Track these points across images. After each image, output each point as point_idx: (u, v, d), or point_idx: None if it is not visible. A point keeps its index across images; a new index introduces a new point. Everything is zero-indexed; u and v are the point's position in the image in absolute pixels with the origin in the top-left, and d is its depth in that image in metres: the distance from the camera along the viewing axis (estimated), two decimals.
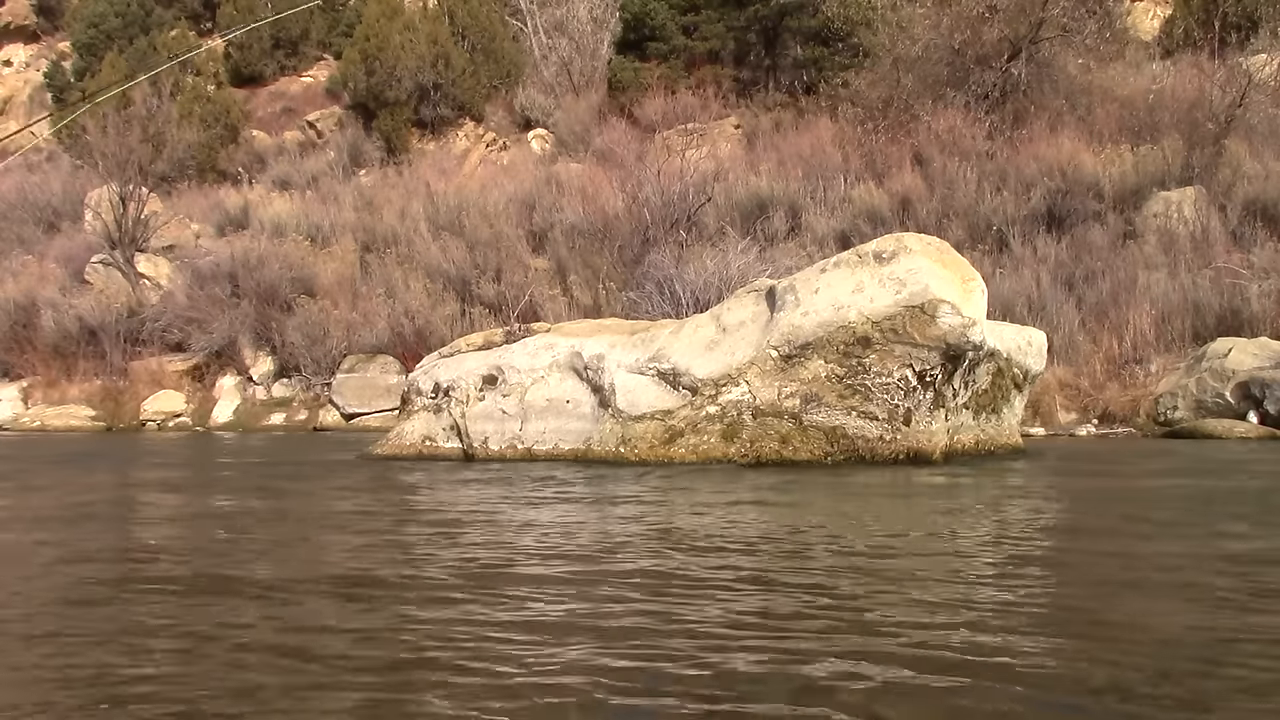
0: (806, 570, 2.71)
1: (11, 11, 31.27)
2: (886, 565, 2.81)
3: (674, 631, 2.03)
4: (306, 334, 14.92)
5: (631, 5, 20.71)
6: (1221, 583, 2.56)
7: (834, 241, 13.44)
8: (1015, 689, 1.66)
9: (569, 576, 2.62)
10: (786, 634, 2.01)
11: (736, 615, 2.18)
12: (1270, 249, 11.86)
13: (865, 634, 2.00)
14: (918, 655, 1.84)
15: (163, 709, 1.60)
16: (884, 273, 6.04)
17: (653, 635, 2.00)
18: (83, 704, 1.63)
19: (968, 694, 1.63)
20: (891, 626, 2.07)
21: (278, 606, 2.32)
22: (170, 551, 3.24)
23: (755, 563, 2.83)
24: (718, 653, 1.87)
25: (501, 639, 1.98)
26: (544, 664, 1.80)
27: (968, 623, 2.12)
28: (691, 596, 2.37)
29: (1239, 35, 17.19)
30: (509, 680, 1.72)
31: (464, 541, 3.29)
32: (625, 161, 16.53)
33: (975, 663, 1.79)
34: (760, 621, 2.12)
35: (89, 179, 19.46)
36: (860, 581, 2.54)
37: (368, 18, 22.16)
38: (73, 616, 2.27)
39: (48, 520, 4.03)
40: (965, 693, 1.64)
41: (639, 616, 2.15)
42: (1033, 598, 2.43)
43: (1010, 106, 15.82)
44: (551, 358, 6.95)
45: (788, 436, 6.13)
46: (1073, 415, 10.88)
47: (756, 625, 2.10)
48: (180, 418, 15.14)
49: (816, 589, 2.45)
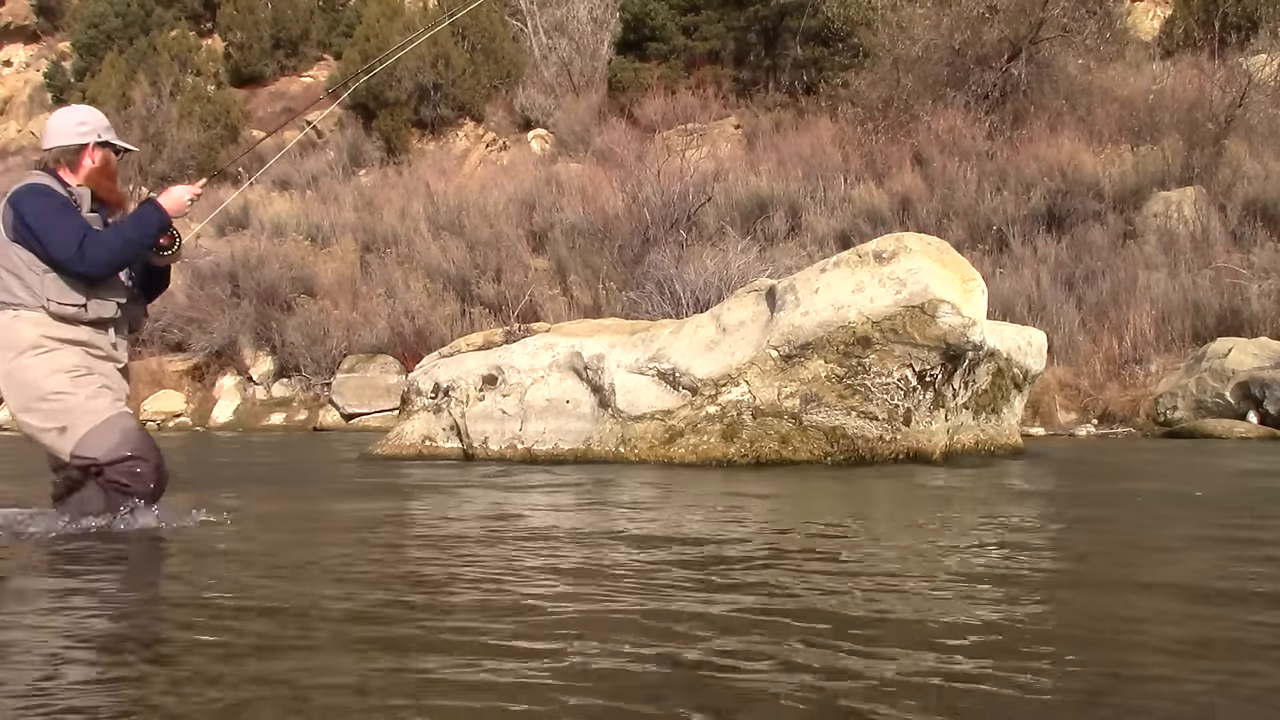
0: (802, 571, 2.71)
1: (11, 11, 31.28)
2: (878, 566, 2.81)
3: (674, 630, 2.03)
4: (306, 334, 14.93)
5: (631, 5, 20.72)
6: (1222, 585, 2.56)
7: (834, 241, 13.45)
8: (1014, 689, 1.66)
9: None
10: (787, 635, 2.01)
11: (730, 616, 2.18)
12: (1270, 249, 11.86)
13: (865, 631, 2.00)
14: (913, 655, 1.84)
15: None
16: (884, 272, 6.04)
17: (643, 630, 2.00)
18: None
19: (967, 695, 1.63)
20: (885, 626, 2.07)
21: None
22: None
23: (758, 563, 2.82)
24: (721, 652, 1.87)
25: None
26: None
27: (967, 623, 2.12)
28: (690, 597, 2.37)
29: (1239, 35, 17.20)
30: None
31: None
32: (625, 161, 16.54)
33: (976, 662, 1.79)
34: (761, 622, 2.12)
35: None
36: (849, 580, 2.54)
37: (368, 18, 22.18)
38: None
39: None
40: (965, 694, 1.64)
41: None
42: (1032, 599, 2.43)
43: (1010, 106, 15.84)
44: (551, 358, 6.95)
45: (788, 436, 6.12)
46: (1073, 415, 10.89)
47: (759, 624, 2.09)
48: (180, 418, 15.15)
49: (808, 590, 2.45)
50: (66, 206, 3.34)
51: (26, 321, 3.30)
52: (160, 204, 3.46)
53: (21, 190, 3.33)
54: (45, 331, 3.32)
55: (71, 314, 3.33)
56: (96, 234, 3.34)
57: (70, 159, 3.44)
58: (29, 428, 3.37)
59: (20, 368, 3.31)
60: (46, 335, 3.32)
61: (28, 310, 3.30)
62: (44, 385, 3.31)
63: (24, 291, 3.30)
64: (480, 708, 1.56)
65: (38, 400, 3.31)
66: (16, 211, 3.29)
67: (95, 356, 3.41)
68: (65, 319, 3.33)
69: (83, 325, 3.37)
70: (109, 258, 3.33)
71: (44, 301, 3.30)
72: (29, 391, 3.32)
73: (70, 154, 3.44)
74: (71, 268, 3.29)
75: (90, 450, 3.31)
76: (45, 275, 3.30)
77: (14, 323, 3.31)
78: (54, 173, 3.43)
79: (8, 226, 3.30)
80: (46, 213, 3.28)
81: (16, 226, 3.28)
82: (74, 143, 3.44)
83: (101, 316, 3.41)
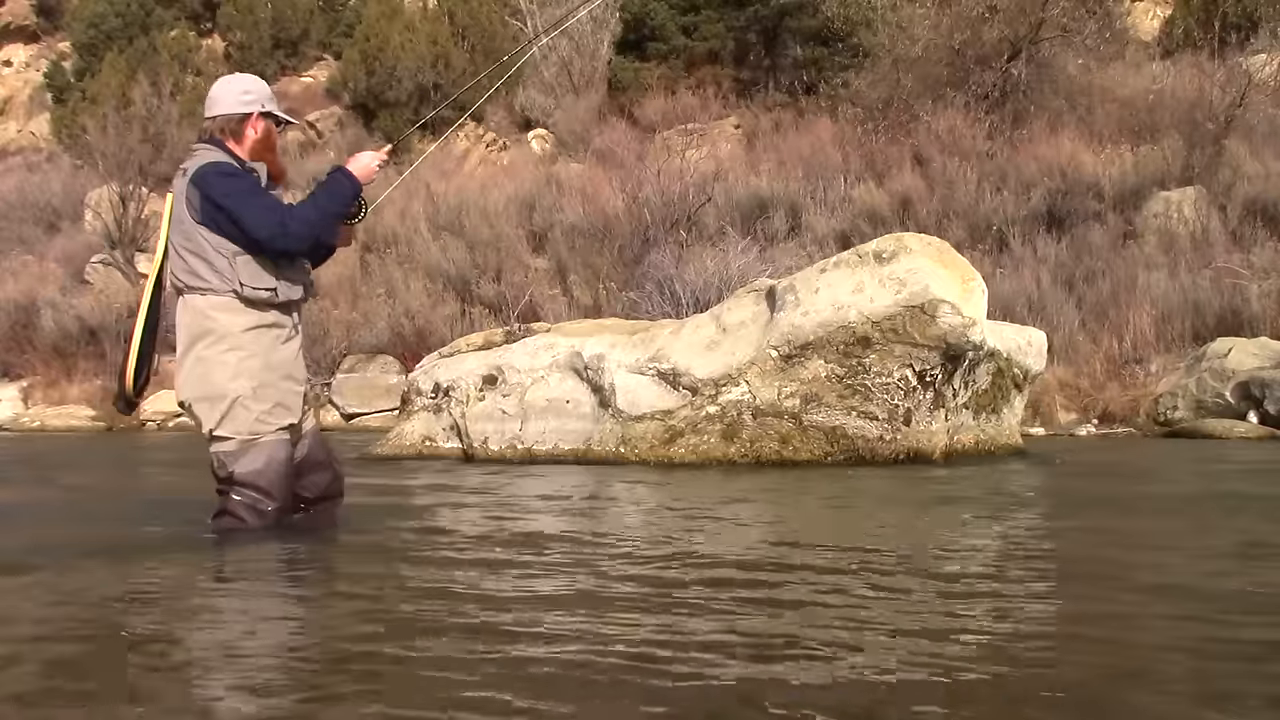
0: (803, 572, 2.71)
1: (11, 11, 31.26)
2: (876, 566, 2.81)
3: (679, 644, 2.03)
4: (306, 334, 14.90)
5: (631, 5, 20.70)
6: (1223, 585, 2.56)
7: (834, 241, 13.44)
8: (1012, 689, 1.66)
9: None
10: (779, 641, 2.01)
11: (731, 616, 2.18)
12: (1270, 249, 11.86)
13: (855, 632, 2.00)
14: (908, 658, 1.84)
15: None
16: (884, 273, 6.03)
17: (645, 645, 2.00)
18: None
19: (967, 695, 1.63)
20: (883, 628, 2.07)
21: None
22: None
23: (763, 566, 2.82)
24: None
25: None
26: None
27: (967, 623, 2.12)
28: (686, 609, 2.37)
29: (1239, 35, 17.17)
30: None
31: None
32: (625, 162, 16.53)
33: (975, 661, 1.79)
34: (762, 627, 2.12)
35: (89, 179, 19.46)
36: (853, 583, 2.54)
37: (368, 18, 22.18)
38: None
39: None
40: (965, 695, 1.64)
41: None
42: (1029, 599, 2.43)
43: (1010, 106, 15.82)
44: (551, 358, 6.95)
45: (788, 437, 6.12)
46: (1073, 415, 10.89)
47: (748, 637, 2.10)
48: (180, 418, 15.13)
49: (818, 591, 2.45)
50: (256, 185, 3.25)
51: (217, 307, 3.21)
52: (350, 171, 3.38)
53: (206, 169, 3.20)
54: (236, 318, 3.22)
55: (264, 298, 3.24)
56: (292, 209, 3.26)
57: (234, 129, 3.32)
58: (194, 416, 3.30)
59: (208, 358, 3.22)
60: (237, 322, 3.22)
61: (216, 295, 3.20)
62: (227, 387, 3.21)
63: (213, 275, 3.19)
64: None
65: (217, 397, 3.22)
66: (203, 192, 3.16)
67: (283, 341, 3.33)
68: (256, 303, 3.24)
69: (271, 309, 3.28)
70: (309, 231, 3.25)
71: (236, 285, 3.19)
72: (209, 387, 3.23)
73: (234, 123, 3.32)
74: (273, 245, 3.19)
75: (233, 462, 3.24)
76: (236, 258, 3.18)
77: (206, 307, 3.22)
78: (221, 145, 3.31)
79: (194, 209, 3.18)
80: (239, 193, 3.17)
81: (204, 208, 3.16)
82: (238, 111, 3.33)
83: (290, 299, 3.34)
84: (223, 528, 3.28)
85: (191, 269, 3.22)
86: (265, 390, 3.26)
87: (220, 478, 3.27)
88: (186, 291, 3.25)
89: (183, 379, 3.29)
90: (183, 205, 3.22)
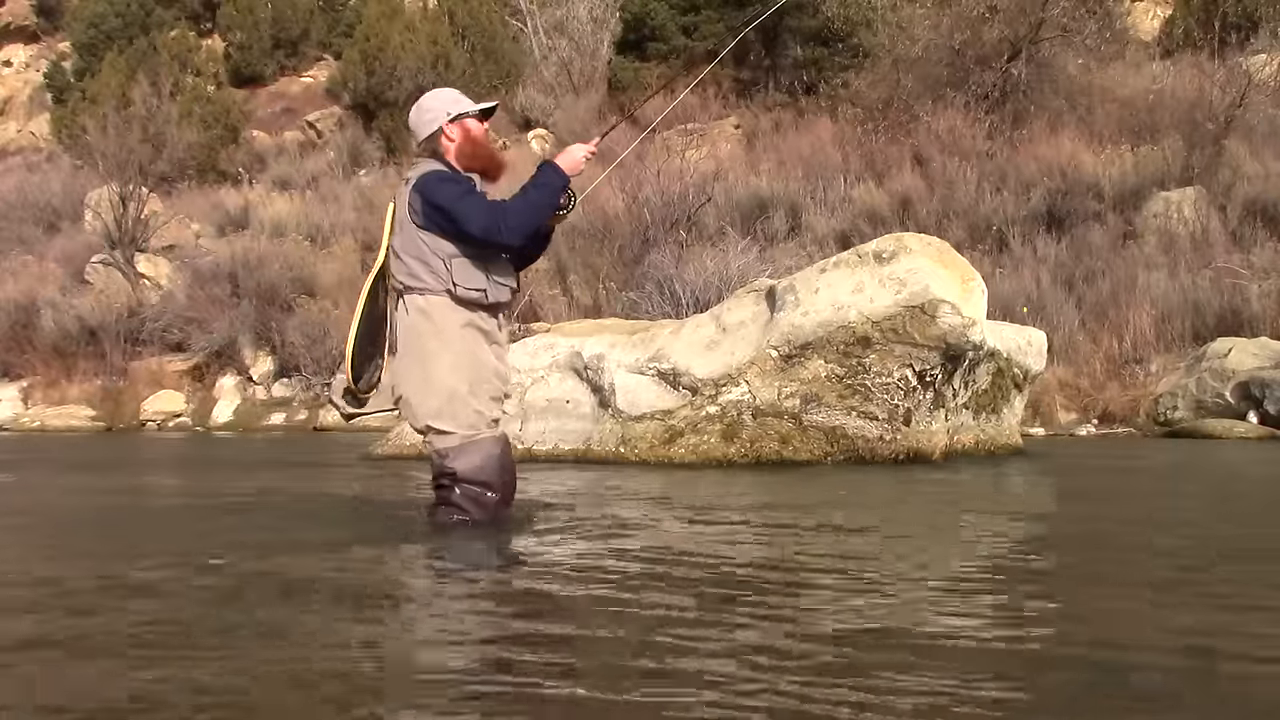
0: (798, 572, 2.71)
1: (11, 11, 31.30)
2: (876, 566, 2.81)
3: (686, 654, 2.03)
4: (306, 334, 14.92)
5: (631, 5, 20.72)
6: (1224, 586, 2.56)
7: (834, 241, 13.44)
8: (1010, 691, 1.66)
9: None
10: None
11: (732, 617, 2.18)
12: (1270, 249, 11.86)
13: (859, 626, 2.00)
14: (906, 657, 1.84)
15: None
16: (884, 273, 6.03)
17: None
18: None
19: (969, 697, 1.63)
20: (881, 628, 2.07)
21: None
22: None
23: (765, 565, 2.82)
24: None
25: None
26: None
27: (966, 624, 2.12)
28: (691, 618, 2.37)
29: (1239, 35, 17.18)
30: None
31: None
32: (625, 161, 16.51)
33: (975, 661, 1.79)
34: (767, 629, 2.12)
35: (89, 179, 19.46)
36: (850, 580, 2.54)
37: (368, 18, 22.19)
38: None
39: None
40: (967, 696, 1.63)
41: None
42: (1029, 600, 2.43)
43: (1010, 107, 15.83)
44: (551, 358, 6.95)
45: (788, 436, 6.12)
46: (1073, 415, 10.89)
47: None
48: (180, 418, 15.15)
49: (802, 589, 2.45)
50: (472, 187, 3.38)
51: (434, 305, 3.32)
52: (558, 165, 3.45)
53: (427, 176, 3.36)
54: (450, 315, 3.33)
55: (475, 298, 3.34)
56: (506, 204, 3.35)
57: (433, 146, 3.46)
58: (409, 409, 3.40)
59: (427, 353, 3.33)
60: (451, 319, 3.33)
61: (433, 295, 3.32)
62: (446, 381, 3.33)
63: (430, 277, 3.32)
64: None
65: (436, 391, 3.33)
66: (425, 197, 3.30)
67: (489, 342, 3.43)
68: (468, 304, 3.34)
69: (481, 310, 3.38)
70: (524, 224, 3.34)
71: (450, 286, 3.31)
72: (427, 381, 3.33)
73: (431, 142, 3.47)
74: (492, 239, 3.30)
75: (452, 461, 3.35)
76: (451, 260, 3.31)
77: (426, 306, 3.33)
78: (441, 158, 3.45)
79: (416, 213, 3.32)
80: (457, 195, 3.30)
81: (426, 212, 3.30)
82: (427, 132, 3.47)
83: (499, 301, 3.44)
84: (444, 521, 3.41)
85: (411, 270, 3.34)
86: (481, 386, 3.39)
87: (441, 473, 3.40)
88: (406, 292, 3.37)
89: (401, 374, 3.40)
90: (405, 210, 3.36)
